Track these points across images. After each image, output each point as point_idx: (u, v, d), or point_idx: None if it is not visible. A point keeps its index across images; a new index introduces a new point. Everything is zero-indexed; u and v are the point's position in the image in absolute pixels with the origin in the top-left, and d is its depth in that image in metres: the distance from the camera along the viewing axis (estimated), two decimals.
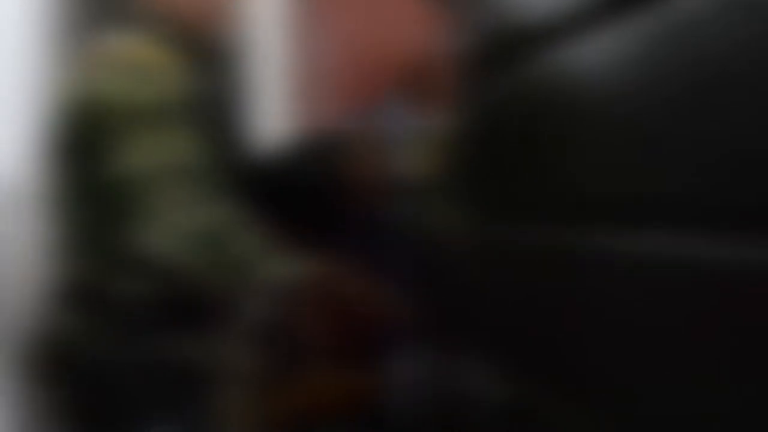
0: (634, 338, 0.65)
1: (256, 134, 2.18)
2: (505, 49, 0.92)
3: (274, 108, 2.21)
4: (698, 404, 0.57)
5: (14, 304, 1.88)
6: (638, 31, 0.64)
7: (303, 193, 1.51)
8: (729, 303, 0.53)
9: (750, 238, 0.51)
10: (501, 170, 0.95)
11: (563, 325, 0.79)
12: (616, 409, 0.69)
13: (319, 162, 1.50)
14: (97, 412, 1.27)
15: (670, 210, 0.60)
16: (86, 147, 1.24)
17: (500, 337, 0.96)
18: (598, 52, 0.71)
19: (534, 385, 0.86)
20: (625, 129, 0.67)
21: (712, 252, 0.55)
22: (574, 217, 0.76)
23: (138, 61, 1.23)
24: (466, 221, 1.05)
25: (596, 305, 0.71)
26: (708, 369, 0.55)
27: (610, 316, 0.69)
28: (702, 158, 0.56)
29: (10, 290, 1.88)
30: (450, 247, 1.15)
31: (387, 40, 1.56)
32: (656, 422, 0.62)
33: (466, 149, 1.05)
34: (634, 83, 0.65)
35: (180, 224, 1.17)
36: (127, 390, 1.25)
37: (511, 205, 0.92)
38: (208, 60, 1.40)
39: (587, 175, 0.74)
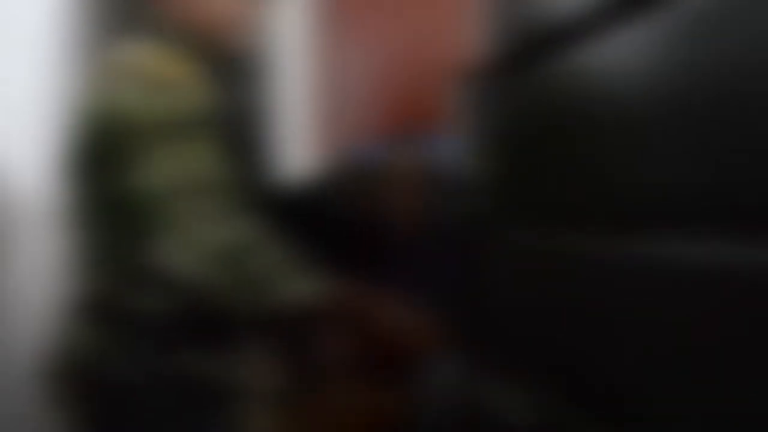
0: (674, 355, 0.62)
1: (283, 155, 2.17)
2: (531, 49, 0.91)
3: (301, 129, 2.20)
4: (731, 415, 0.54)
5: (34, 320, 1.88)
6: (671, 26, 0.62)
7: (333, 218, 1.50)
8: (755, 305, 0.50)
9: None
10: (524, 174, 0.93)
11: (597, 342, 0.76)
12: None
13: (350, 188, 1.49)
14: (116, 428, 1.25)
15: (698, 213, 0.58)
16: (105, 160, 1.23)
17: (531, 354, 0.93)
18: (618, 53, 0.70)
19: (565, 403, 0.83)
20: (646, 131, 0.65)
21: (741, 255, 0.52)
22: (606, 224, 0.74)
23: (158, 73, 1.23)
24: (496, 229, 1.02)
25: (632, 320, 0.69)
26: (744, 381, 0.53)
27: (648, 332, 0.66)
28: (722, 160, 0.54)
29: (30, 305, 1.89)
30: (482, 261, 1.13)
31: (423, 57, 1.54)
32: None
33: (493, 154, 1.03)
34: (657, 84, 0.63)
35: (200, 240, 1.16)
36: (148, 406, 1.24)
37: (539, 211, 0.90)
38: (231, 74, 1.39)
39: (614, 178, 0.71)
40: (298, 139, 2.19)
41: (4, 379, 1.86)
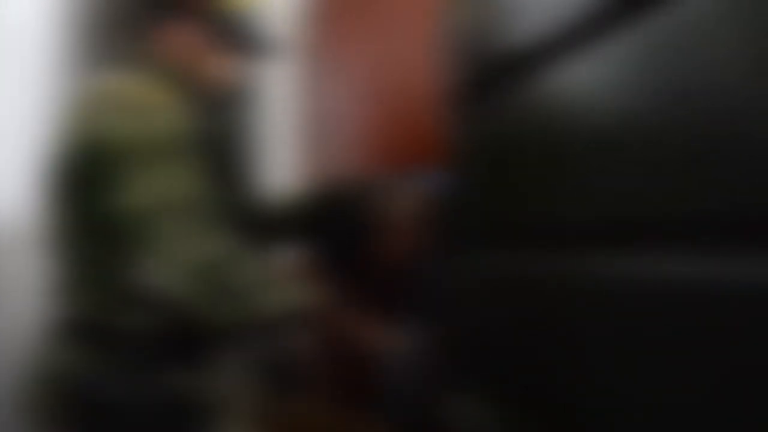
0: (640, 371, 0.64)
1: (267, 181, 2.19)
2: (499, 72, 0.93)
3: (284, 158, 2.22)
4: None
5: (18, 342, 1.88)
6: (633, 48, 0.65)
7: (326, 229, 1.51)
8: (733, 324, 0.53)
9: (752, 256, 0.50)
10: (497, 195, 0.96)
11: (564, 361, 0.79)
12: None
13: (342, 203, 1.50)
14: None
15: (674, 231, 0.60)
16: (87, 184, 1.27)
17: (500, 373, 0.95)
18: (592, 72, 0.71)
19: (532, 423, 0.85)
20: (620, 150, 0.67)
21: (717, 273, 0.54)
22: (573, 242, 0.76)
23: (138, 100, 1.26)
24: (471, 249, 1.05)
25: (597, 336, 0.71)
26: (718, 401, 0.55)
27: (614, 350, 0.68)
28: (701, 177, 0.56)
29: (14, 328, 1.89)
30: (457, 280, 1.15)
31: (405, 84, 1.57)
32: None
33: (465, 175, 1.05)
34: (629, 102, 0.65)
35: (181, 258, 1.19)
36: (132, 425, 1.25)
37: (509, 232, 0.92)
38: (212, 102, 1.43)
39: (585, 198, 0.74)
40: (284, 165, 2.21)
41: None
